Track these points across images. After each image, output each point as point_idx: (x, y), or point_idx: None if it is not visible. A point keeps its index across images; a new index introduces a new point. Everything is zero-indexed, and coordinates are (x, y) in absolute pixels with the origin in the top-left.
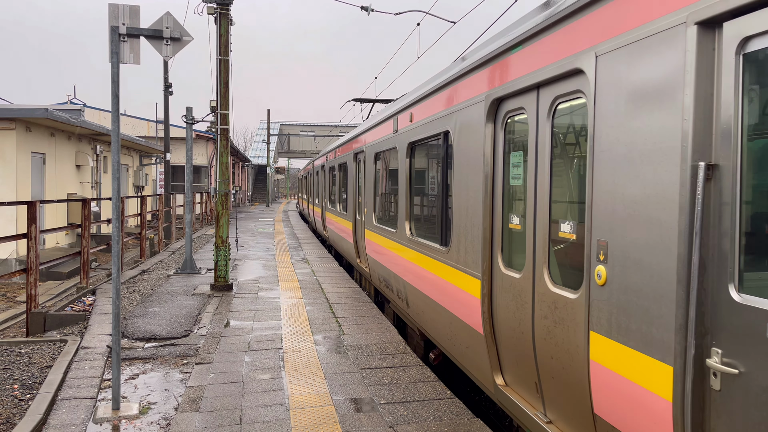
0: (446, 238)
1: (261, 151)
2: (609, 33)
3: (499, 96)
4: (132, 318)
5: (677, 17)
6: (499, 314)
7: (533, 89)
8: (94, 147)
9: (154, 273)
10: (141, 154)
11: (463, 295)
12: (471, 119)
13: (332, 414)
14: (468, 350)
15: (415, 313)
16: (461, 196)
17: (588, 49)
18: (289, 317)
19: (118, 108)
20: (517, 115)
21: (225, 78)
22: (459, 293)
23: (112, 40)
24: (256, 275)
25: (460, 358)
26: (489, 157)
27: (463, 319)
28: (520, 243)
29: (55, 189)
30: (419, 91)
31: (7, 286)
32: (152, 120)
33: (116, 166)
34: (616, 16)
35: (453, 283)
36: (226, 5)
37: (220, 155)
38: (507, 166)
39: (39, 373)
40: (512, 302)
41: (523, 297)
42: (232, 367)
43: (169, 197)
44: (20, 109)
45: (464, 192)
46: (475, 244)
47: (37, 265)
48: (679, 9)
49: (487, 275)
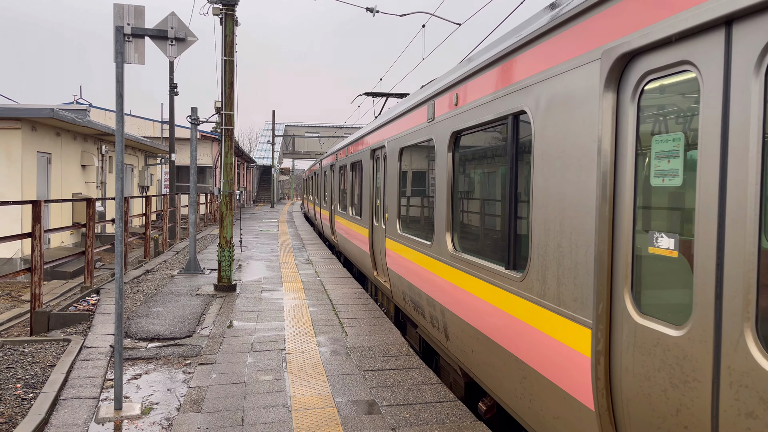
0: (516, 260)
1: (266, 152)
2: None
3: (632, 49)
4: (135, 318)
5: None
6: (627, 386)
7: (716, 27)
8: (99, 147)
9: (158, 273)
10: (146, 155)
11: (552, 344)
12: (571, 91)
13: (334, 416)
14: (558, 423)
15: (460, 350)
16: (549, 204)
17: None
18: (292, 318)
19: (123, 108)
20: (669, 77)
21: (230, 79)
22: (545, 341)
23: (116, 40)
24: (259, 276)
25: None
26: (608, 145)
27: (551, 379)
28: (676, 277)
29: (60, 189)
30: (468, 66)
31: (11, 285)
32: (158, 120)
33: (120, 166)
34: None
35: (533, 326)
36: (231, 6)
37: (225, 156)
38: (643, 158)
39: (42, 373)
40: (661, 374)
41: (689, 369)
42: (234, 368)
43: (174, 197)
44: (26, 108)
45: (555, 197)
46: (578, 272)
47: (41, 265)
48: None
49: (604, 323)
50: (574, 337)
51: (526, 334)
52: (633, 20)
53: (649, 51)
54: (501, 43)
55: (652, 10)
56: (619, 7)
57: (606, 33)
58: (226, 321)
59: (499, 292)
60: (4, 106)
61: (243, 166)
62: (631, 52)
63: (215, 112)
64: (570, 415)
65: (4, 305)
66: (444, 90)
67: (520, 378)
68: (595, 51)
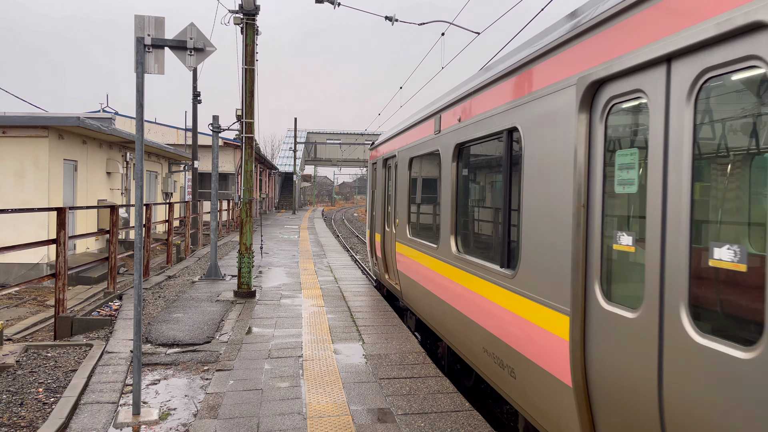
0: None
1: (288, 159)
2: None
3: (599, 78)
4: (156, 323)
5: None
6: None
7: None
8: (124, 154)
9: (179, 279)
10: (170, 162)
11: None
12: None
13: (349, 424)
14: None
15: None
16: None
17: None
18: (310, 325)
19: (143, 117)
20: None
21: (250, 87)
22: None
23: (137, 50)
24: (279, 282)
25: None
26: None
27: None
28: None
29: (86, 195)
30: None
31: (37, 290)
32: (181, 128)
33: (140, 174)
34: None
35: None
36: (252, 16)
37: (245, 163)
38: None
39: (64, 377)
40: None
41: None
42: (251, 375)
43: (196, 204)
44: (53, 117)
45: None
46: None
47: (65, 270)
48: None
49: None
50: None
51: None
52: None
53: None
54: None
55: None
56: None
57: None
58: (245, 327)
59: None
60: (32, 115)
61: (265, 173)
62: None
63: (236, 120)
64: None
65: (30, 310)
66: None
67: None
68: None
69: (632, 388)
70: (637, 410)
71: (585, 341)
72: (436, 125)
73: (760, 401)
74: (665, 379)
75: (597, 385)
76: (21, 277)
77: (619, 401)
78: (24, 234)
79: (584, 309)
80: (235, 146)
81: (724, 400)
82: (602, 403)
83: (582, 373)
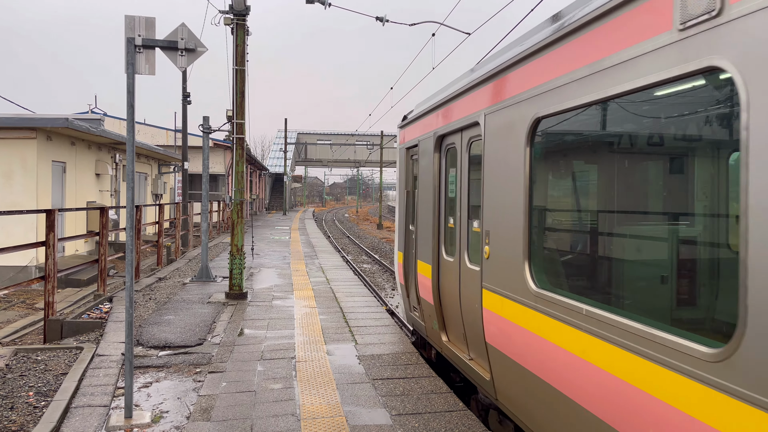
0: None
1: (278, 160)
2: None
3: (443, 133)
4: (147, 326)
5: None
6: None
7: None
8: (113, 156)
9: (170, 281)
10: (159, 163)
11: (423, 277)
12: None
13: (343, 425)
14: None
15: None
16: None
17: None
18: (303, 326)
19: (134, 118)
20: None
21: (241, 88)
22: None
23: (128, 51)
24: (270, 284)
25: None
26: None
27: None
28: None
29: (75, 197)
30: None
31: (26, 293)
32: (171, 129)
33: (131, 175)
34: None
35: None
36: (243, 16)
37: (236, 164)
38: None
39: (54, 381)
40: (448, 279)
41: (455, 274)
42: (244, 377)
43: (187, 205)
44: (42, 118)
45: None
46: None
47: (54, 273)
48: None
49: (436, 264)
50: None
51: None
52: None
53: (446, 135)
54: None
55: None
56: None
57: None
58: (237, 329)
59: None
60: (20, 116)
61: (255, 173)
62: (444, 134)
63: (227, 121)
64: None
65: (19, 313)
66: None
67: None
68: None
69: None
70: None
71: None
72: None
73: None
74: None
75: (443, 299)
76: (9, 279)
77: (448, 303)
78: (12, 236)
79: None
80: (226, 147)
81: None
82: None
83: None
